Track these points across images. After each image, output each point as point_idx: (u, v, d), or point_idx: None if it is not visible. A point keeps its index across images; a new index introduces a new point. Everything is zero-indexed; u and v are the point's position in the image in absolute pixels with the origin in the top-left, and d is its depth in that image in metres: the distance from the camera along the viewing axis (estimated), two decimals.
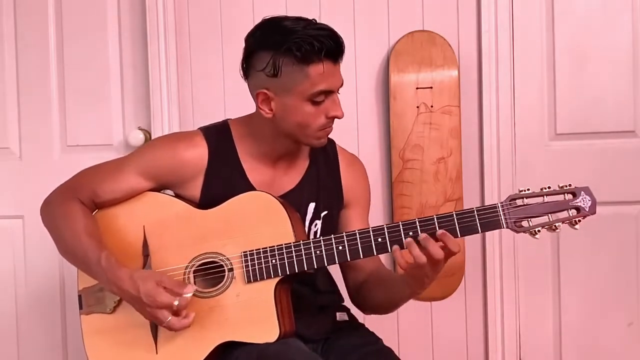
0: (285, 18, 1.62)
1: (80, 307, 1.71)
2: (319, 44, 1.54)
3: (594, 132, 2.36)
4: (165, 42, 2.43)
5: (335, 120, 1.64)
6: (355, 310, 1.85)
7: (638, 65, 2.33)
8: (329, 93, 1.59)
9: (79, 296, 1.72)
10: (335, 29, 1.60)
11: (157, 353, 1.61)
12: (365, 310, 1.79)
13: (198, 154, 1.68)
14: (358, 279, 1.75)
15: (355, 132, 2.39)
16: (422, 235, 1.48)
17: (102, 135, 2.51)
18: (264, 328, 1.54)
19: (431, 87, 2.34)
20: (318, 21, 1.60)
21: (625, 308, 2.37)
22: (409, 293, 1.62)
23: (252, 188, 1.66)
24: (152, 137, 2.44)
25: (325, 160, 1.76)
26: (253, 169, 1.69)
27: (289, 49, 1.55)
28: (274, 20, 1.62)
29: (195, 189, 1.68)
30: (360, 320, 1.84)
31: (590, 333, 2.39)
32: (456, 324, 2.43)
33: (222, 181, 1.67)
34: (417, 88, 2.34)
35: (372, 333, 1.75)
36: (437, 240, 1.48)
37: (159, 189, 1.71)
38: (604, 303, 2.38)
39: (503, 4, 2.35)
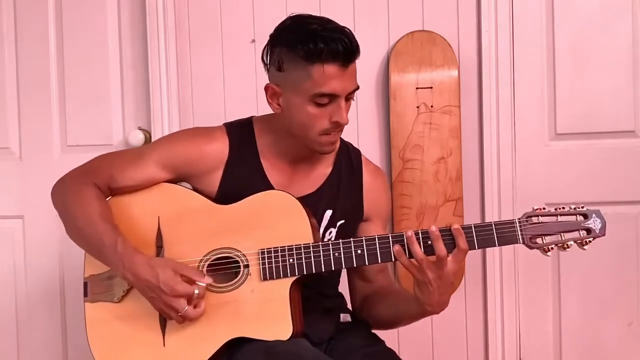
0: (308, 17, 1.61)
1: (85, 295, 1.68)
2: (324, 44, 1.52)
3: (594, 132, 2.36)
4: (165, 42, 2.43)
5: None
6: None
7: (638, 65, 2.33)
8: (333, 97, 1.56)
9: (85, 283, 1.68)
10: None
11: (164, 345, 1.60)
12: (368, 322, 1.77)
13: (218, 147, 1.68)
14: (366, 290, 1.75)
15: (355, 132, 2.39)
16: (432, 230, 1.50)
17: (102, 135, 2.51)
18: (277, 326, 1.54)
19: (431, 87, 2.34)
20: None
21: (625, 308, 2.37)
22: (415, 308, 1.59)
23: (270, 187, 1.66)
24: (152, 137, 2.44)
25: (349, 170, 1.75)
26: (272, 168, 1.69)
27: (294, 46, 1.55)
28: (295, 18, 1.62)
29: (213, 183, 1.68)
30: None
31: (590, 333, 2.38)
32: (456, 324, 2.43)
33: (240, 178, 1.67)
34: (417, 88, 2.34)
35: (375, 334, 1.75)
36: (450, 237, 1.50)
37: (176, 180, 1.70)
38: (604, 303, 2.38)
39: (503, 4, 2.34)
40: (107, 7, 2.50)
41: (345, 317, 1.77)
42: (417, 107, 2.34)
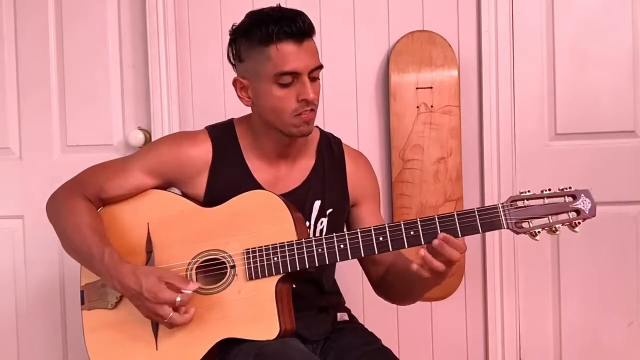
0: (265, 8, 1.65)
1: (82, 303, 1.72)
2: (275, 24, 1.57)
3: (594, 132, 2.36)
4: (165, 42, 2.43)
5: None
6: (355, 311, 1.85)
7: (638, 65, 2.33)
8: (295, 74, 1.59)
9: (81, 292, 1.72)
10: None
11: (157, 349, 1.62)
12: (390, 300, 1.80)
13: (202, 151, 1.70)
14: (379, 272, 1.76)
15: (355, 132, 2.39)
16: (436, 242, 1.49)
17: (102, 135, 2.51)
18: (264, 325, 1.55)
19: (431, 87, 2.34)
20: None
21: (625, 308, 2.37)
22: (425, 285, 1.63)
23: (257, 185, 1.68)
24: (152, 137, 2.44)
25: (331, 159, 1.77)
26: (257, 167, 1.71)
27: (249, 34, 1.61)
28: (252, 11, 1.67)
29: (200, 187, 1.70)
30: (361, 321, 1.84)
31: (590, 333, 2.38)
32: (456, 324, 2.43)
33: (227, 179, 1.68)
34: (417, 88, 2.34)
35: (371, 333, 1.76)
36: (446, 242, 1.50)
37: (164, 186, 1.72)
38: (604, 303, 2.37)
39: (503, 4, 2.34)
40: (107, 7, 2.50)
41: (342, 316, 1.78)
42: (417, 107, 2.34)
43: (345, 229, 1.75)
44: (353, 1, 2.40)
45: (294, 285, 1.62)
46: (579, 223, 1.48)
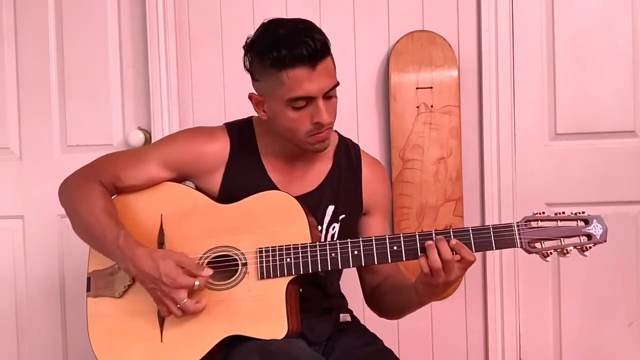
0: (278, 22, 1.61)
1: (88, 290, 1.70)
2: (287, 50, 1.52)
3: (594, 132, 2.36)
4: (165, 42, 2.43)
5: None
6: (357, 312, 1.85)
7: (638, 65, 2.33)
8: (309, 99, 1.56)
9: (88, 278, 1.71)
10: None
11: (162, 341, 1.61)
12: (378, 313, 1.79)
13: (219, 147, 1.70)
14: (374, 281, 1.76)
15: (355, 132, 2.39)
16: (438, 237, 1.50)
17: (102, 135, 2.51)
18: (272, 325, 1.55)
19: (431, 87, 2.34)
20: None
21: (625, 308, 2.37)
22: (417, 301, 1.62)
23: (272, 185, 1.67)
24: (152, 137, 2.44)
25: (348, 164, 1.76)
26: (273, 167, 1.70)
27: (262, 55, 1.57)
28: (266, 25, 1.62)
29: (215, 183, 1.69)
30: (362, 322, 1.84)
31: (590, 333, 2.39)
32: (456, 324, 2.43)
33: (242, 177, 1.68)
34: (417, 88, 2.34)
35: (373, 334, 1.76)
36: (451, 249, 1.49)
37: (179, 179, 1.72)
38: (604, 303, 2.38)
39: (503, 4, 2.35)
40: (107, 7, 2.50)
41: (344, 317, 1.78)
42: (417, 107, 2.34)
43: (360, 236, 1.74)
44: (353, 1, 2.41)
45: (300, 289, 1.62)
46: (590, 247, 1.51)
